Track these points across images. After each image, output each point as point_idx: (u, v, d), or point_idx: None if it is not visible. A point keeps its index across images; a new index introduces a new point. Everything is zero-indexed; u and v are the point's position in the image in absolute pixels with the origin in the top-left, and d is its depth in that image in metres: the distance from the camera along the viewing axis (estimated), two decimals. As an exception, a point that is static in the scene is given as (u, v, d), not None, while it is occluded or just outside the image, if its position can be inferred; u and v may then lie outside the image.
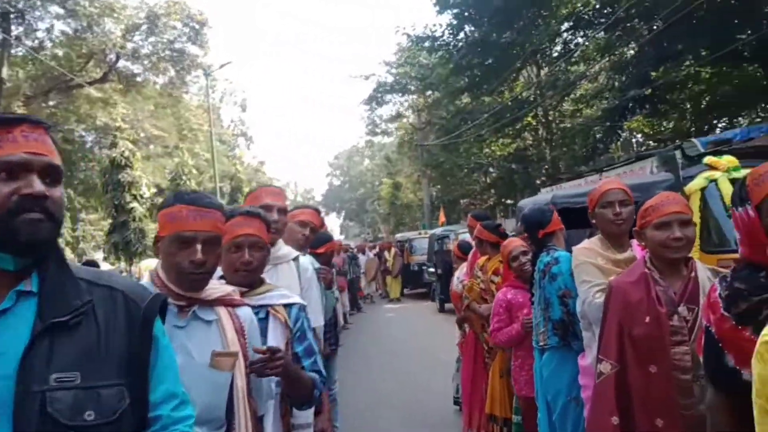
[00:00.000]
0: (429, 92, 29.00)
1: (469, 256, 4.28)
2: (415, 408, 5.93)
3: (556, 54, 17.97)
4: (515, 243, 3.33)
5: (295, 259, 2.44)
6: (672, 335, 1.84)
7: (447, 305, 12.00)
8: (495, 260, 3.63)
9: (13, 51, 21.42)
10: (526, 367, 3.17)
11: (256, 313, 1.80)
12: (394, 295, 15.72)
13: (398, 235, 21.26)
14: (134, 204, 14.85)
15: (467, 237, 11.29)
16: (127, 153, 13.60)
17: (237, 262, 1.84)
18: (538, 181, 19.03)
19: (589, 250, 2.37)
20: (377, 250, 18.88)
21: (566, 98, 17.43)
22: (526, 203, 6.54)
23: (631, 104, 13.26)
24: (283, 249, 2.39)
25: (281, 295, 1.95)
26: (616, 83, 13.39)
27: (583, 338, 2.47)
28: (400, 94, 34.64)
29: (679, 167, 3.85)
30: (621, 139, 14.45)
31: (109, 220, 15.60)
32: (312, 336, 2.02)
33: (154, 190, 19.06)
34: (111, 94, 24.70)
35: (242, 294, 1.80)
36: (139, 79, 25.41)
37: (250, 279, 1.88)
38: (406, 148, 35.33)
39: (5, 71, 19.21)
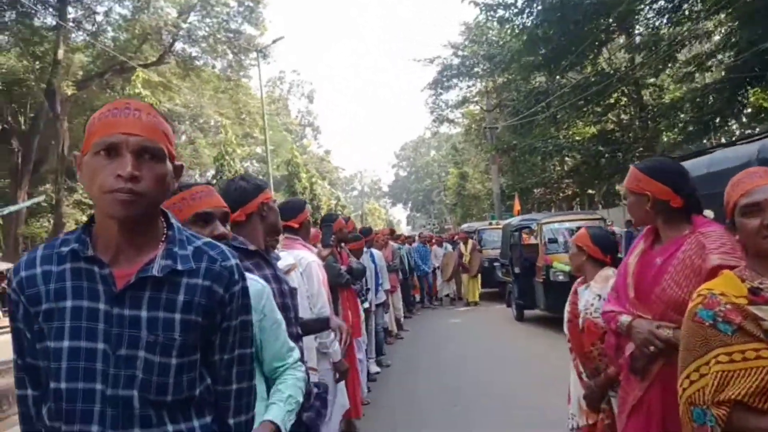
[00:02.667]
0: (497, 75, 26.72)
1: (635, 255, 2.04)
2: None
3: (650, 17, 15.22)
4: None
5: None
6: None
7: (527, 312, 9.88)
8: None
9: (72, 36, 21.19)
10: None
11: None
12: (471, 298, 12.84)
13: (464, 226, 18.90)
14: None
15: (556, 226, 9.08)
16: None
17: None
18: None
19: None
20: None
21: (668, 66, 14.60)
22: (699, 164, 4.20)
23: (759, 68, 10.50)
24: None
25: None
26: (741, 39, 10.60)
27: None
28: (466, 78, 32.58)
29: None
30: (744, 111, 11.64)
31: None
32: None
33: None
34: (170, 78, 24.28)
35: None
36: (197, 62, 24.81)
37: None
38: (473, 135, 33.32)
39: (61, 53, 18.82)
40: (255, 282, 1.73)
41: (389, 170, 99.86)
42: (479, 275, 12.72)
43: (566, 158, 22.05)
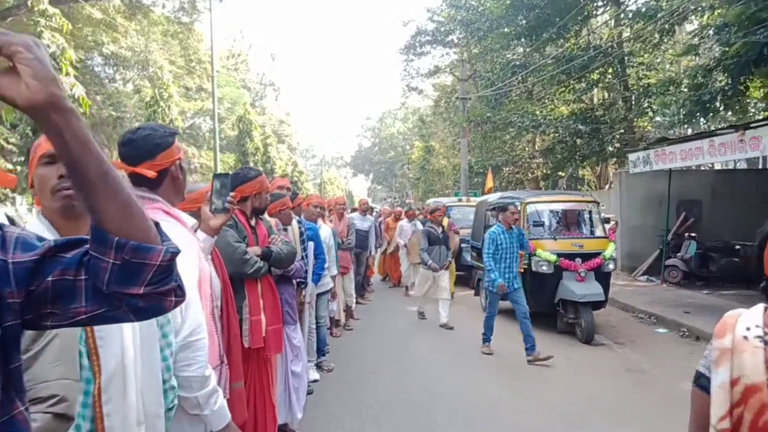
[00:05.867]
0: (473, 44, 25.29)
1: None
2: None
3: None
4: None
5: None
6: None
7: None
8: None
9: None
10: None
11: None
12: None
13: (430, 201, 17.36)
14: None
15: (542, 207, 7.71)
16: (55, 50, 9.31)
17: None
18: (610, 148, 15.35)
19: None
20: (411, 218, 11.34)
21: (663, 41, 13.45)
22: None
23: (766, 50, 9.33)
24: None
25: None
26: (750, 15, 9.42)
27: None
28: (440, 46, 31.06)
29: None
30: (743, 97, 10.58)
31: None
32: None
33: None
34: (114, 16, 21.70)
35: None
36: (145, 1, 22.23)
37: None
38: (443, 109, 32.01)
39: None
40: None
41: (353, 140, 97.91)
42: (454, 261, 9.66)
43: (537, 137, 21.00)
